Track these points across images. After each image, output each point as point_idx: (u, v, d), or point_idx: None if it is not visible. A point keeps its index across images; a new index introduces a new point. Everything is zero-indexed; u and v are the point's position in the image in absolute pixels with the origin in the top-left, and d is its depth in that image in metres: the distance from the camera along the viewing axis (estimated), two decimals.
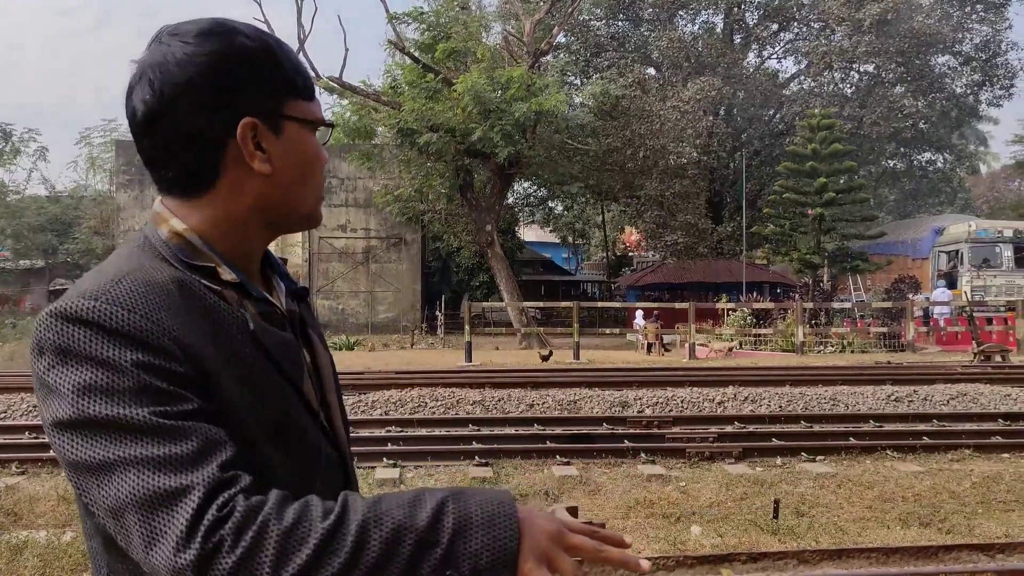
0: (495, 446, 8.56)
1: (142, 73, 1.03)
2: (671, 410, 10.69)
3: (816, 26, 35.33)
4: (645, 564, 1.02)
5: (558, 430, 9.32)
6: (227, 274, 1.04)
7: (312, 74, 25.30)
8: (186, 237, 1.04)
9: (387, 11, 25.48)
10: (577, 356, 18.05)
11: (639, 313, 25.92)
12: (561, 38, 30.76)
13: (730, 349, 20.59)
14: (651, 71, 33.78)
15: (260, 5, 31.02)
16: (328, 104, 27.58)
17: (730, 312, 23.13)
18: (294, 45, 26.59)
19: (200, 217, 1.06)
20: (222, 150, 1.04)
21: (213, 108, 1.02)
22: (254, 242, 1.11)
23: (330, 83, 25.35)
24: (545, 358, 16.73)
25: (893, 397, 11.26)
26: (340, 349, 22.73)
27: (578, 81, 33.46)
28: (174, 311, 0.95)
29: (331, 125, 1.17)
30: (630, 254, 50.92)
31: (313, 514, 0.86)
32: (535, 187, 39.56)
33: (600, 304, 31.61)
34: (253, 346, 1.02)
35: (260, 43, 1.07)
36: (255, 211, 1.08)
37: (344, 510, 0.88)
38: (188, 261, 1.03)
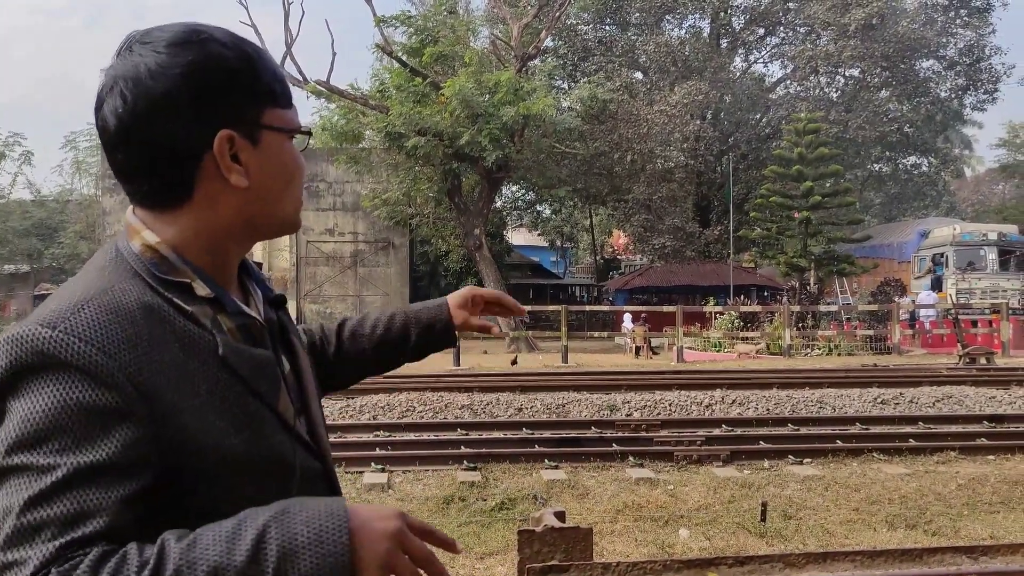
0: (484, 450, 8.55)
1: (113, 84, 1.00)
2: (659, 413, 10.72)
3: (802, 31, 35.56)
4: None
5: (547, 434, 9.32)
6: (202, 289, 1.02)
7: (300, 78, 25.33)
8: (159, 251, 1.01)
9: (375, 15, 25.50)
10: (565, 360, 18.07)
11: (627, 316, 25.98)
12: (549, 42, 30.83)
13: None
14: (638, 75, 33.91)
15: (247, 8, 31.00)
16: (316, 108, 27.57)
17: (718, 315, 23.22)
18: (281, 48, 26.59)
19: (175, 230, 1.02)
20: (198, 163, 1.01)
21: (189, 121, 0.99)
22: (231, 253, 1.09)
23: (318, 87, 25.32)
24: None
25: (879, 399, 11.33)
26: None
27: (566, 85, 33.53)
28: (134, 343, 0.92)
29: (308, 133, 1.15)
30: (618, 257, 51.05)
31: (127, 570, 0.82)
32: (523, 191, 39.62)
33: (588, 308, 31.66)
34: (223, 371, 0.99)
35: (237, 51, 1.03)
36: (232, 223, 1.05)
37: (160, 560, 0.83)
38: (161, 276, 1.00)
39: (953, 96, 36.93)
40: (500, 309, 1.58)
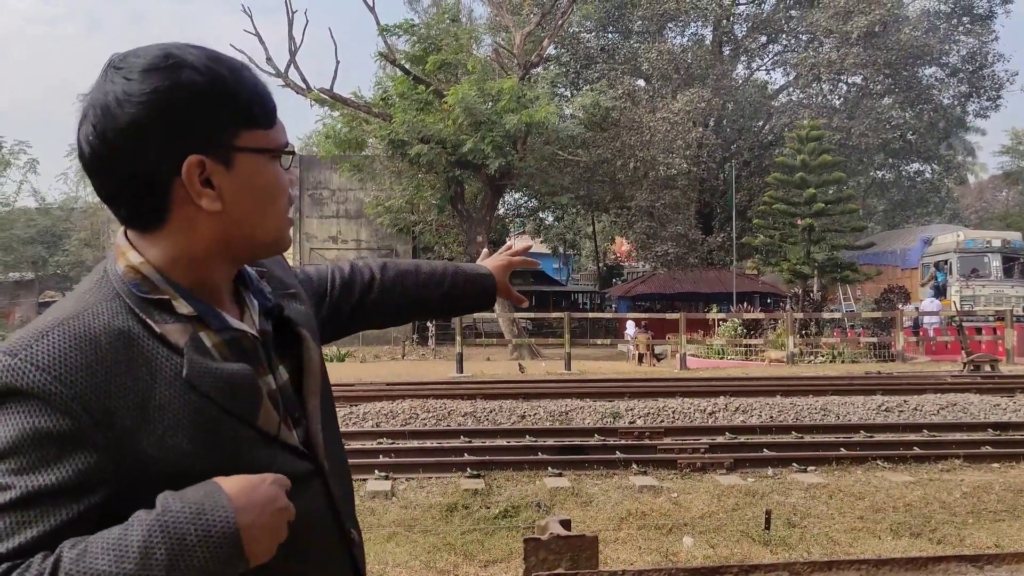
0: (487, 458, 8.55)
1: (86, 112, 1.01)
2: (662, 421, 10.70)
3: (804, 38, 35.60)
4: None
5: (550, 441, 9.31)
6: (183, 307, 1.03)
7: (303, 86, 25.40)
8: (142, 272, 1.03)
9: (378, 24, 25.57)
10: (569, 367, 18.06)
11: (630, 323, 25.95)
12: (551, 50, 30.91)
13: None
14: (641, 83, 33.96)
15: (251, 18, 31.16)
16: (319, 116, 27.69)
17: (721, 322, 23.19)
18: (285, 57, 26.65)
19: (158, 251, 1.04)
20: (169, 189, 1.01)
21: (157, 148, 1.00)
22: (216, 273, 1.09)
23: (321, 95, 25.39)
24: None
25: (883, 407, 11.31)
26: (331, 360, 22.65)
27: (568, 93, 33.58)
28: (93, 370, 0.94)
29: (291, 153, 1.12)
30: (621, 264, 51.06)
31: None
32: (526, 198, 39.67)
33: (591, 315, 31.62)
34: (192, 393, 0.99)
35: (209, 75, 1.02)
36: (211, 246, 1.05)
37: (55, 570, 0.86)
38: (140, 296, 1.01)
39: (956, 103, 36.92)
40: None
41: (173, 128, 1.00)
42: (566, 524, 1.77)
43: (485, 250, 1.85)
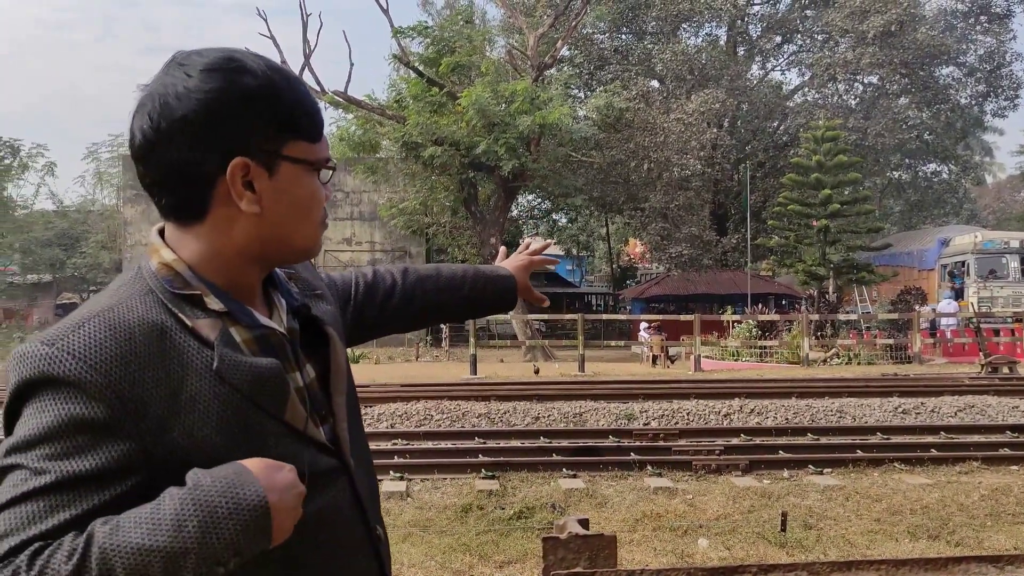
0: (501, 459, 8.55)
1: (143, 103, 1.05)
2: (677, 422, 10.67)
3: (820, 38, 35.43)
4: None
5: (564, 443, 9.30)
6: (214, 304, 1.05)
7: (318, 88, 25.50)
8: (175, 268, 1.06)
9: (392, 26, 25.64)
10: (582, 368, 18.03)
11: (644, 325, 25.90)
12: (565, 51, 30.89)
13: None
14: (655, 84, 33.89)
15: (266, 21, 31.31)
16: (334, 118, 27.75)
17: (735, 324, 23.11)
18: (299, 59, 26.80)
19: (193, 248, 1.08)
20: (212, 186, 1.05)
21: (206, 145, 1.03)
22: (247, 273, 1.12)
23: (335, 97, 25.48)
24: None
25: (900, 409, 11.23)
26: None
27: (582, 94, 33.56)
28: (127, 360, 0.97)
29: (332, 168, 1.16)
30: (634, 266, 50.95)
31: (59, 558, 0.88)
32: (539, 200, 39.64)
33: (605, 316, 31.59)
34: (221, 385, 1.02)
35: (265, 81, 1.06)
36: (245, 247, 1.09)
37: (87, 546, 0.89)
38: (173, 291, 1.04)
39: (973, 103, 36.65)
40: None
41: (224, 128, 1.04)
42: (584, 523, 1.77)
43: (503, 249, 1.86)
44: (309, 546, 1.07)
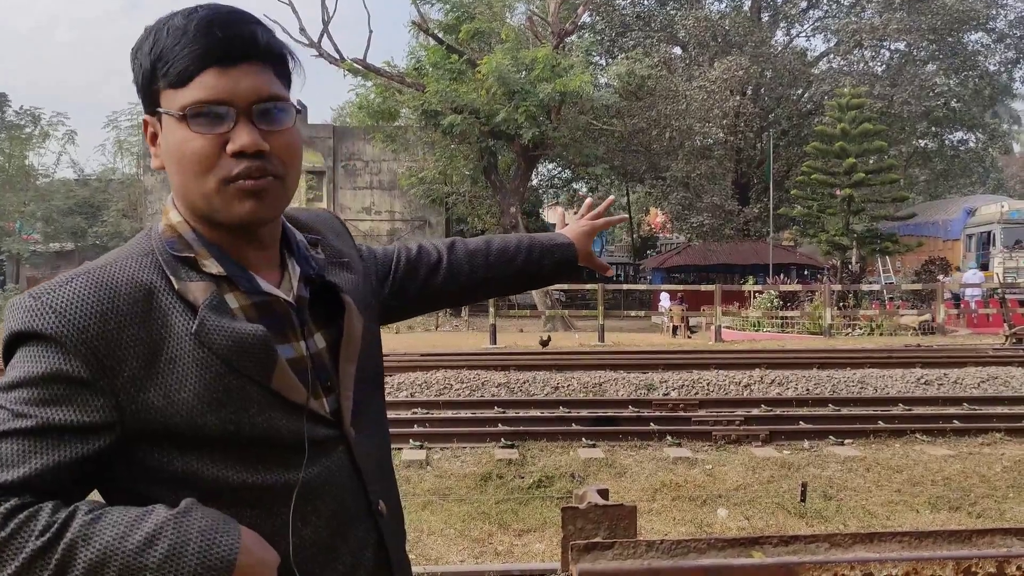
0: (520, 428, 8.59)
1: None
2: (697, 393, 10.66)
3: (846, 3, 34.76)
4: None
5: (584, 412, 9.33)
6: (212, 267, 1.05)
7: (336, 56, 25.39)
8: (178, 230, 1.07)
9: None
10: (602, 339, 18.03)
11: (664, 295, 25.82)
12: (586, 18, 30.51)
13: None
14: (677, 50, 33.45)
15: None
16: (352, 85, 27.69)
17: (757, 294, 22.97)
18: (318, 27, 26.64)
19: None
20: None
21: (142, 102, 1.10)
22: (223, 237, 1.08)
23: (354, 65, 25.37)
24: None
25: (923, 380, 11.14)
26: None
27: (603, 61, 33.17)
28: (106, 318, 0.98)
29: (206, 113, 1.02)
30: (655, 236, 50.68)
31: (32, 529, 0.90)
32: (559, 168, 39.38)
33: (625, 286, 31.50)
34: (200, 349, 1.01)
35: (149, 34, 1.05)
36: (183, 208, 1.10)
37: (63, 527, 0.91)
38: (173, 253, 1.05)
39: (1002, 69, 35.88)
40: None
41: (138, 87, 1.09)
42: (604, 493, 1.76)
43: (560, 210, 1.81)
44: (300, 514, 1.06)
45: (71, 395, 0.96)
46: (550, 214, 45.80)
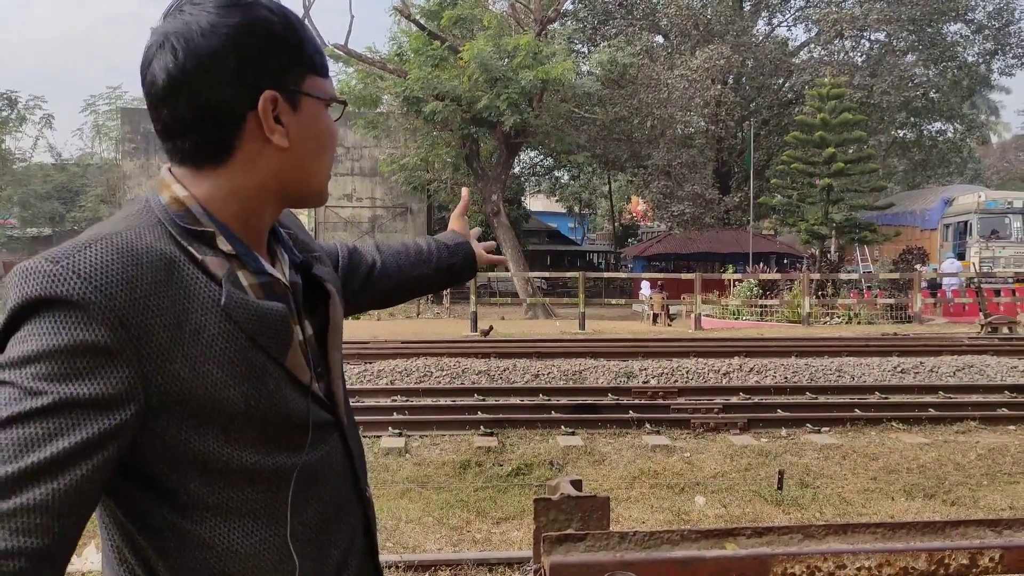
0: (500, 416, 8.59)
1: (163, 41, 1.02)
2: (676, 380, 10.70)
3: None
4: None
5: (563, 400, 9.34)
6: (224, 245, 1.04)
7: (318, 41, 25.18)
8: (186, 204, 1.04)
9: None
10: (583, 326, 18.06)
11: (645, 283, 25.90)
12: (568, 5, 30.44)
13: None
14: (659, 39, 33.41)
15: None
16: (333, 72, 27.40)
17: (737, 283, 23.10)
18: (299, 11, 26.38)
19: (208, 187, 1.05)
20: (242, 123, 1.04)
21: (236, 80, 1.02)
22: (262, 215, 1.10)
23: (335, 50, 25.17)
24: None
25: (899, 368, 11.25)
26: (346, 318, 22.73)
27: (585, 49, 33.10)
28: (133, 285, 0.93)
29: (344, 103, 1.20)
30: (636, 224, 50.81)
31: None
32: (541, 156, 39.36)
33: (606, 274, 31.54)
34: (226, 322, 1.00)
35: (282, 18, 1.07)
36: (266, 184, 1.08)
37: None
38: (183, 226, 1.02)
39: (981, 61, 36.13)
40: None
41: (252, 62, 1.03)
42: (577, 484, 1.75)
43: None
44: (300, 499, 1.06)
45: (96, 367, 0.90)
46: (532, 202, 45.80)
